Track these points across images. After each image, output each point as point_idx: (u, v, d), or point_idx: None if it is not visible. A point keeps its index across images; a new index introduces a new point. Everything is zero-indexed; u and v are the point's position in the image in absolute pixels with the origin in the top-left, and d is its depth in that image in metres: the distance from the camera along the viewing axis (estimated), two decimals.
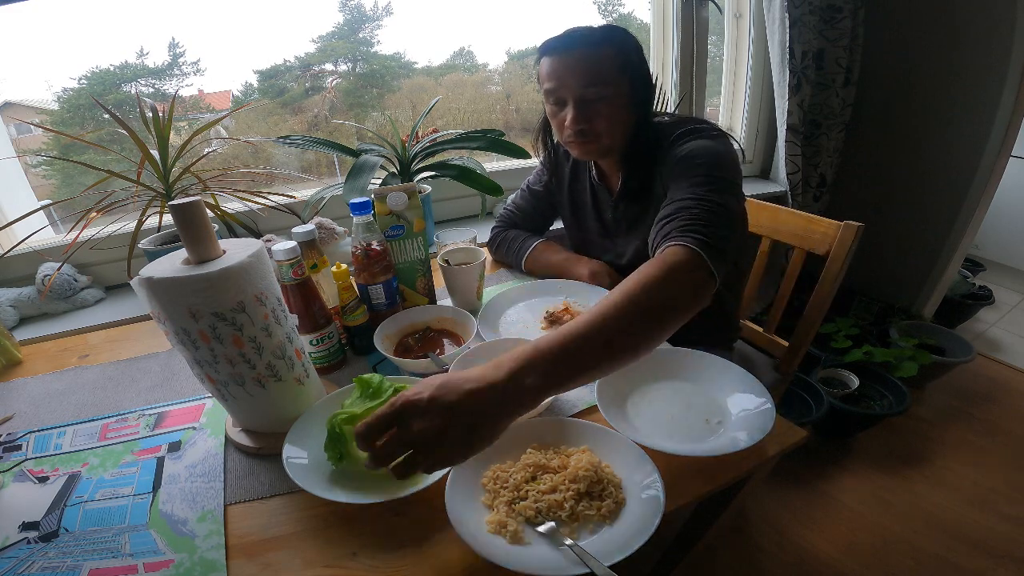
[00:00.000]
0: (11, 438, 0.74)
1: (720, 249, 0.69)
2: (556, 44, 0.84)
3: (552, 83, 0.85)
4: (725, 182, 0.78)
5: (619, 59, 0.83)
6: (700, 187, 0.77)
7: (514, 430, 0.63)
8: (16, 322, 1.14)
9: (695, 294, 0.65)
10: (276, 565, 0.52)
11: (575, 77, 0.83)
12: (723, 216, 0.74)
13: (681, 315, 0.62)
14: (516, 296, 1.00)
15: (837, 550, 1.24)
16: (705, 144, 0.83)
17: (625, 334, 0.57)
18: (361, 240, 0.85)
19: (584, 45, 0.82)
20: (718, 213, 0.73)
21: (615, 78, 0.83)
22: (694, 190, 0.77)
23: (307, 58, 1.53)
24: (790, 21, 1.47)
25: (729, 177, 0.80)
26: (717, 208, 0.74)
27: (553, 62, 0.84)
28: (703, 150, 0.82)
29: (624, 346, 0.58)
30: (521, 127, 1.79)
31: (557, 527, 0.52)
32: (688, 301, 0.63)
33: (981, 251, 2.35)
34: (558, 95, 0.86)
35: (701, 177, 0.78)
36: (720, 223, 0.72)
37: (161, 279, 0.53)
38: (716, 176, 0.78)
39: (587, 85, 0.83)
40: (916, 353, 1.62)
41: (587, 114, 0.85)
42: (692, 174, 0.79)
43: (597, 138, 0.88)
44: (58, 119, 1.34)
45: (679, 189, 0.79)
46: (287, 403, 0.66)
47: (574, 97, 0.84)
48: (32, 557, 0.54)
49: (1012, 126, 1.50)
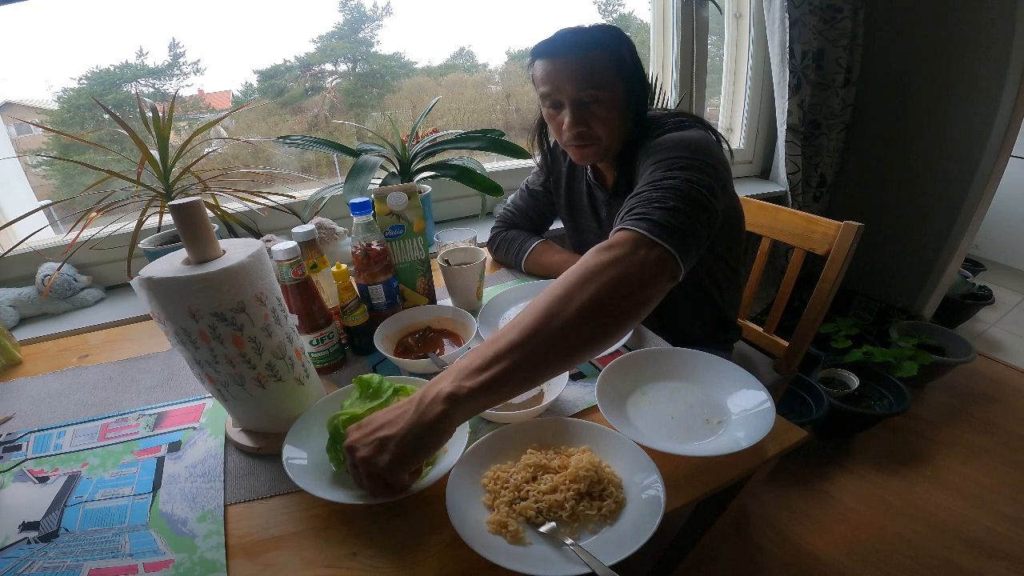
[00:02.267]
0: (11, 438, 0.73)
1: (671, 223, 0.63)
2: (548, 47, 0.83)
3: (547, 87, 0.84)
4: (688, 160, 0.74)
5: (613, 60, 0.82)
6: (659, 170, 0.73)
7: (514, 430, 0.63)
8: (16, 322, 1.14)
9: (639, 274, 0.59)
10: (276, 565, 0.52)
11: (570, 81, 0.81)
12: (682, 190, 0.68)
13: (622, 301, 0.58)
14: (516, 296, 1.00)
15: (837, 550, 1.24)
16: (677, 134, 0.81)
17: (554, 342, 0.55)
18: (361, 240, 0.85)
19: (576, 48, 0.80)
20: (673, 189, 0.68)
21: (610, 80, 0.82)
22: (651, 175, 0.73)
23: (307, 58, 1.53)
24: (790, 21, 1.47)
25: (693, 156, 0.75)
26: (674, 184, 0.69)
27: (547, 65, 0.83)
28: (673, 139, 0.79)
29: (558, 356, 0.56)
30: (521, 127, 1.79)
31: (557, 527, 0.52)
32: (629, 283, 0.58)
33: (981, 251, 2.35)
34: (554, 98, 0.85)
35: (662, 162, 0.74)
36: (674, 198, 0.67)
37: (161, 279, 0.53)
38: (676, 156, 0.74)
39: (582, 88, 0.81)
40: (916, 353, 1.62)
41: (584, 117, 0.84)
42: (655, 161, 0.76)
43: (596, 141, 0.87)
44: (58, 119, 1.33)
45: (641, 180, 0.76)
46: (287, 403, 0.66)
47: (570, 100, 0.83)
48: (32, 557, 0.54)
49: (1012, 126, 1.50)
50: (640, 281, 0.60)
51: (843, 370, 1.64)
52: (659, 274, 0.62)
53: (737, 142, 1.91)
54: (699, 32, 1.64)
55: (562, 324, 0.55)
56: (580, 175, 1.07)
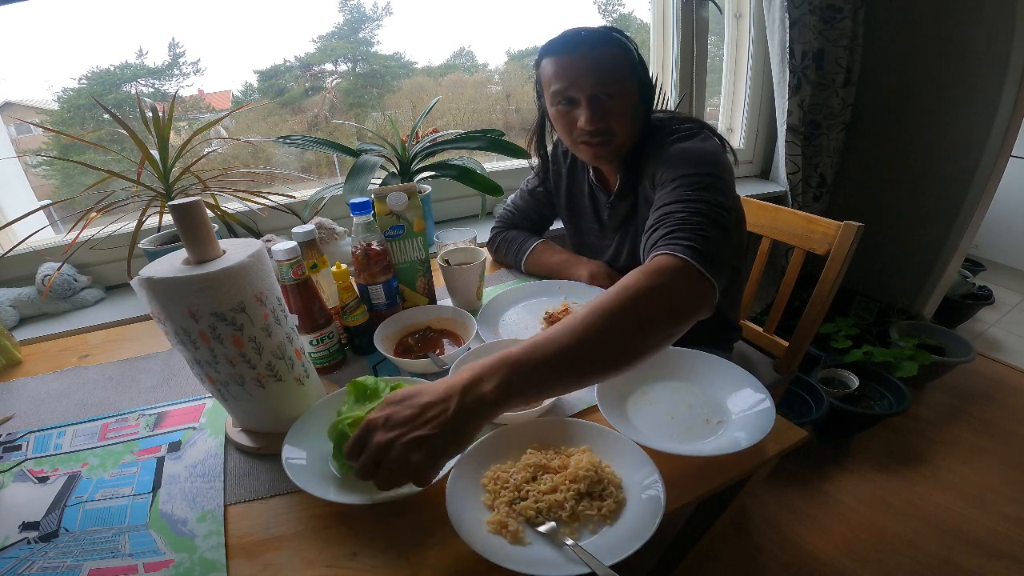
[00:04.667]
0: (11, 438, 0.73)
1: (714, 254, 0.65)
2: (562, 44, 0.83)
3: (562, 83, 0.83)
4: (712, 178, 0.75)
5: (627, 58, 0.83)
6: (686, 188, 0.74)
7: (514, 430, 0.63)
8: (16, 322, 1.14)
9: (686, 306, 0.61)
10: (276, 565, 0.52)
11: (588, 75, 0.81)
12: (713, 217, 0.70)
13: (666, 329, 0.59)
14: (516, 296, 1.00)
15: (837, 550, 1.24)
16: (692, 145, 0.81)
17: (598, 353, 0.55)
18: (361, 240, 0.85)
19: (592, 44, 0.81)
20: (707, 215, 0.70)
21: (625, 76, 0.83)
22: (680, 192, 0.74)
23: (307, 58, 1.53)
24: (790, 21, 1.47)
25: (717, 173, 0.76)
26: (706, 209, 0.70)
27: (562, 61, 0.82)
28: (689, 151, 0.80)
29: (596, 366, 0.56)
30: (521, 127, 1.79)
31: (557, 527, 0.52)
32: (678, 314, 0.60)
33: (981, 251, 2.35)
34: (568, 95, 0.84)
35: (686, 178, 0.75)
36: (710, 225, 0.69)
37: (161, 279, 0.53)
38: (702, 174, 0.75)
39: (600, 83, 0.81)
40: (916, 353, 1.62)
41: (601, 113, 0.83)
42: (677, 175, 0.76)
43: (612, 137, 0.86)
44: (58, 119, 1.33)
45: (665, 193, 0.76)
46: (287, 403, 0.66)
47: (587, 96, 0.82)
48: (32, 557, 0.54)
49: (1012, 126, 1.50)
50: (689, 312, 0.62)
51: (843, 370, 1.64)
52: (702, 308, 0.63)
53: (737, 142, 1.91)
54: (699, 32, 1.64)
55: (611, 340, 0.56)
56: (581, 177, 1.07)
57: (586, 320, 0.56)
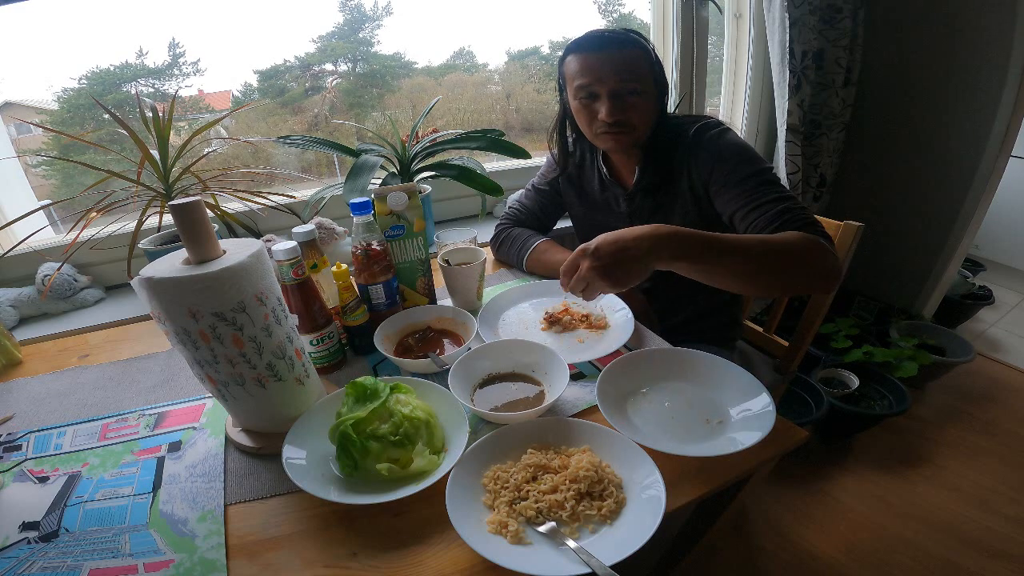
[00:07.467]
0: (11, 438, 0.73)
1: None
2: (588, 42, 0.89)
3: (586, 78, 0.89)
4: (772, 171, 0.87)
5: (647, 58, 0.89)
6: (769, 184, 0.84)
7: (514, 430, 0.63)
8: (16, 322, 1.14)
9: (834, 272, 0.74)
10: (276, 565, 0.52)
11: (612, 72, 0.87)
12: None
13: (807, 280, 0.74)
14: (516, 296, 1.00)
15: (837, 550, 1.24)
16: (734, 139, 0.90)
17: (756, 268, 0.71)
18: (361, 240, 0.85)
19: (616, 43, 0.87)
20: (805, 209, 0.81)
21: (645, 74, 0.89)
22: (761, 186, 0.84)
23: (307, 58, 1.53)
24: (790, 21, 1.47)
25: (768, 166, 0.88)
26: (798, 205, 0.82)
27: (587, 58, 0.88)
28: (733, 145, 0.89)
29: (746, 275, 0.72)
30: (521, 127, 1.79)
31: (558, 527, 0.52)
32: (824, 273, 0.74)
33: (981, 251, 2.35)
34: (591, 89, 0.90)
35: (760, 175, 0.85)
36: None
37: (161, 279, 0.53)
38: (766, 168, 0.86)
39: (623, 80, 0.87)
40: (916, 353, 1.62)
41: (622, 106, 0.89)
42: (749, 173, 0.85)
43: (632, 129, 0.91)
44: (58, 119, 1.33)
45: (739, 180, 0.85)
46: (287, 403, 0.66)
47: (608, 91, 0.88)
48: (32, 557, 0.54)
49: (1012, 126, 1.50)
50: (833, 276, 0.75)
51: (843, 370, 1.64)
52: (833, 281, 0.76)
53: None
54: (699, 32, 1.64)
55: (774, 262, 0.72)
56: (592, 174, 1.10)
57: (764, 240, 0.72)
